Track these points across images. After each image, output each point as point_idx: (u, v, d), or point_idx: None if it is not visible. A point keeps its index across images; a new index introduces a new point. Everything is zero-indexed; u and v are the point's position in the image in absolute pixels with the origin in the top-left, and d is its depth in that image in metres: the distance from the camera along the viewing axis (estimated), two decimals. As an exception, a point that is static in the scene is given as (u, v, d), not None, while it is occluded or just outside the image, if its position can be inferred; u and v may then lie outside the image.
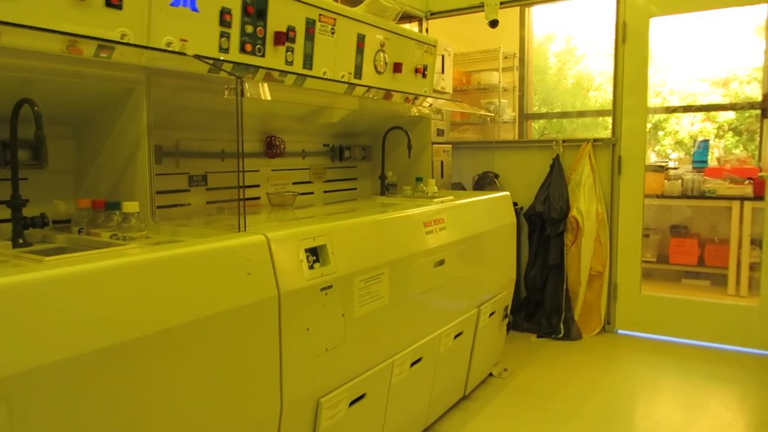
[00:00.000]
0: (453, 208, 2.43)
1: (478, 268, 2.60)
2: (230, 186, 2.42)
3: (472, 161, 4.03)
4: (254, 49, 2.00)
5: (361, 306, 1.78)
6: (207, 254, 1.32)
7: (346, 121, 2.81)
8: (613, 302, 3.66)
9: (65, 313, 1.04)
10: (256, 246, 1.43)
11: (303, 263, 1.56)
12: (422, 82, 3.02)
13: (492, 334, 2.84)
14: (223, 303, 1.32)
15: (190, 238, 1.50)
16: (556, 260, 3.60)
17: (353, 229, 1.79)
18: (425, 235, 2.15)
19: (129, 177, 1.73)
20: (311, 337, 1.58)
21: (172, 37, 1.71)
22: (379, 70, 2.67)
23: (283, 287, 1.48)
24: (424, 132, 3.16)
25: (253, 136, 2.51)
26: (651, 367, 3.13)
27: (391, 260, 1.93)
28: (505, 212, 2.95)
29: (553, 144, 3.70)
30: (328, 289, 1.63)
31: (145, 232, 1.59)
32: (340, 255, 1.70)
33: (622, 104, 3.53)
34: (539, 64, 6.95)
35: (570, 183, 3.62)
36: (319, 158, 2.91)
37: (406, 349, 2.05)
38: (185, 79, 1.76)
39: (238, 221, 1.52)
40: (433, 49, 3.05)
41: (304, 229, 1.61)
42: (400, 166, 3.19)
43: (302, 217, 2.22)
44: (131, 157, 1.71)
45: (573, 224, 3.56)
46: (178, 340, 1.22)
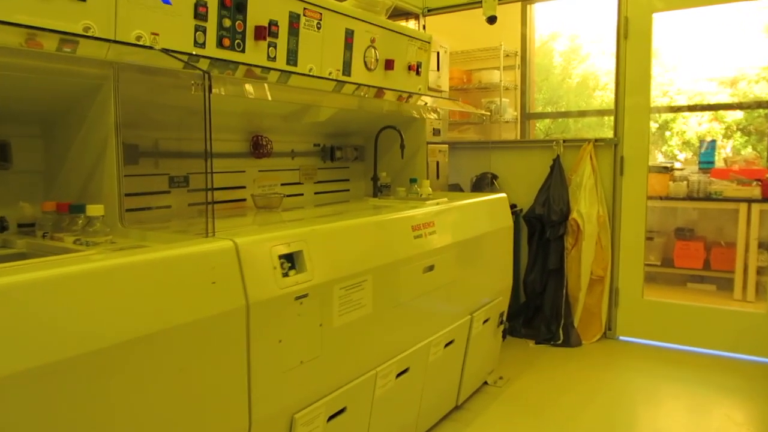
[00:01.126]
0: (445, 210, 2.33)
1: (472, 274, 2.50)
2: (214, 187, 2.34)
3: (470, 162, 3.92)
4: (233, 44, 1.91)
5: (341, 315, 1.69)
6: (166, 262, 1.22)
7: (336, 120, 2.71)
8: (614, 308, 3.55)
9: (8, 326, 0.95)
10: (222, 253, 1.34)
11: (276, 271, 1.47)
12: (416, 79, 2.92)
13: (486, 342, 2.74)
14: (184, 314, 1.23)
15: (157, 243, 1.41)
16: (555, 264, 3.49)
17: (333, 234, 1.70)
18: (413, 239, 2.06)
19: (97, 178, 1.64)
20: (284, 349, 1.49)
21: (142, 30, 1.63)
22: (369, 67, 2.58)
23: (253, 297, 1.38)
24: (418, 132, 3.06)
25: (238, 135, 2.42)
26: (653, 375, 3.01)
27: (376, 266, 1.83)
28: (502, 215, 2.85)
29: (553, 144, 3.59)
30: (304, 297, 1.54)
31: (110, 236, 1.50)
32: (319, 261, 1.61)
33: (624, 103, 3.42)
34: (543, 63, 6.84)
35: (570, 184, 3.51)
36: (309, 158, 2.81)
37: (392, 359, 1.96)
38: (154, 74, 1.67)
39: (206, 226, 1.43)
40: (427, 46, 2.95)
41: (278, 234, 1.52)
42: (394, 167, 3.10)
43: (286, 220, 2.13)
44: (100, 158, 1.63)
45: (573, 227, 3.46)
46: (134, 354, 1.13)
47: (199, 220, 2.04)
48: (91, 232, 1.50)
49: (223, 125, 2.32)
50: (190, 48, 1.77)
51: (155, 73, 1.61)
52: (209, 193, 1.46)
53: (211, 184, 1.46)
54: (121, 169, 1.60)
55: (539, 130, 6.46)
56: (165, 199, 2.13)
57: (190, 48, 1.77)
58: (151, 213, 2.07)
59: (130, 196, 1.98)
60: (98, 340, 1.07)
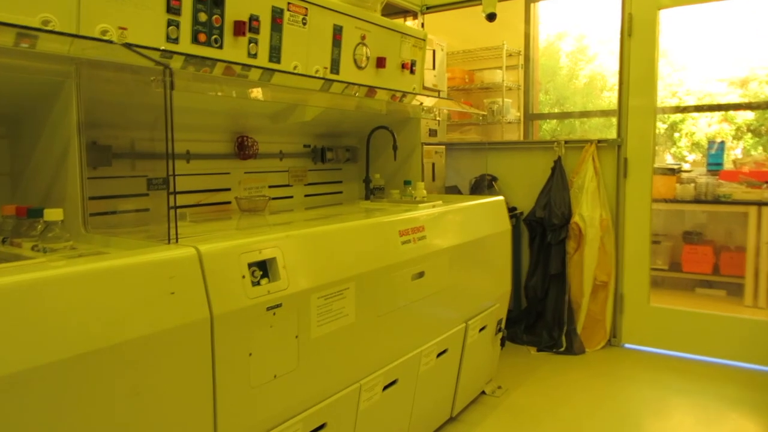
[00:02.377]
0: (436, 214, 2.22)
1: (467, 280, 2.39)
2: (198, 189, 2.25)
3: (469, 163, 3.81)
4: (209, 39, 1.82)
5: (320, 326, 1.58)
6: (117, 272, 1.13)
7: (325, 120, 2.62)
8: (619, 314, 3.42)
9: None
10: (182, 261, 1.24)
11: (245, 280, 1.37)
12: (410, 78, 2.82)
13: (483, 350, 2.63)
14: (137, 328, 1.13)
15: (118, 250, 1.32)
16: (557, 269, 3.37)
17: (310, 239, 1.60)
18: (401, 245, 1.95)
19: (61, 181, 1.55)
20: (255, 363, 1.39)
21: (108, 24, 1.54)
22: (359, 65, 2.48)
23: (217, 308, 1.28)
24: (413, 132, 2.96)
25: (222, 135, 2.33)
26: (659, 386, 2.89)
27: (359, 274, 1.73)
28: (499, 218, 2.74)
29: (554, 145, 3.47)
30: (277, 308, 1.44)
31: (70, 242, 1.41)
32: (295, 269, 1.51)
33: (628, 103, 3.30)
34: (550, 64, 6.73)
35: (572, 187, 3.39)
36: (298, 160, 2.72)
37: (378, 371, 1.85)
38: (115, 71, 1.57)
39: (168, 232, 1.33)
40: (422, 43, 2.85)
41: (249, 240, 1.42)
42: (388, 169, 3.00)
43: (268, 224, 2.03)
44: (63, 159, 1.54)
45: (575, 231, 3.34)
46: (78, 372, 1.03)
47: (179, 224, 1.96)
48: (50, 237, 1.41)
49: (205, 125, 2.23)
50: (162, 44, 1.68)
51: (113, 69, 1.51)
52: (171, 197, 1.36)
53: (173, 187, 1.36)
54: (84, 171, 1.51)
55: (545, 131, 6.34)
56: (144, 201, 2.05)
57: (162, 44, 1.68)
58: (127, 217, 1.99)
59: (103, 199, 1.90)
60: (37, 357, 0.98)
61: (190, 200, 2.21)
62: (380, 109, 2.62)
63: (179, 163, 2.17)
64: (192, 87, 1.88)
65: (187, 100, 2.00)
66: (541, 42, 5.37)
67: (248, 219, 2.23)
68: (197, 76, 1.83)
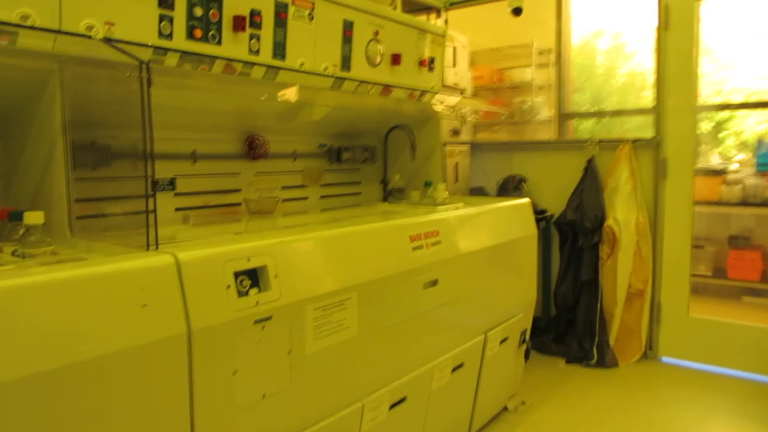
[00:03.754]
0: (453, 218, 2.09)
1: (487, 288, 2.24)
2: (205, 191, 2.18)
3: (496, 164, 3.65)
4: (206, 35, 1.72)
5: (316, 340, 1.47)
6: (79, 282, 1.03)
7: (340, 119, 2.52)
8: (655, 325, 3.20)
9: None
10: (156, 270, 1.14)
11: (230, 290, 1.26)
12: (429, 76, 2.68)
13: (505, 363, 2.47)
14: (101, 344, 1.03)
15: (98, 256, 1.23)
16: (589, 275, 3.18)
17: (307, 246, 1.48)
18: (411, 251, 1.82)
19: (47, 183, 1.48)
20: (240, 381, 1.28)
21: (93, 19, 1.45)
22: (372, 62, 2.36)
23: (197, 321, 1.18)
24: (433, 131, 2.82)
25: (230, 135, 2.24)
26: (699, 405, 2.67)
27: (362, 282, 1.61)
28: (525, 221, 2.58)
29: (586, 144, 3.28)
30: (266, 321, 1.33)
31: (52, 247, 1.33)
32: (288, 278, 1.40)
33: (666, 99, 3.08)
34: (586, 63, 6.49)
35: (606, 188, 3.20)
36: (313, 160, 2.62)
37: (383, 388, 1.72)
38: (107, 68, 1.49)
39: (147, 238, 1.24)
40: (441, 40, 2.71)
41: (236, 247, 1.31)
42: (408, 169, 2.87)
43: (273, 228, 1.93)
44: (49, 160, 1.47)
45: (609, 235, 3.14)
46: (32, 395, 0.94)
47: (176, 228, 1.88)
48: (30, 242, 1.33)
49: (211, 124, 2.15)
50: (154, 40, 1.60)
51: (100, 66, 1.43)
52: (150, 200, 1.27)
53: (152, 189, 1.26)
54: (69, 172, 1.44)
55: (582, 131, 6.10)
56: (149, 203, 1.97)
57: (153, 40, 1.60)
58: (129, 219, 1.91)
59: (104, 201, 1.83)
60: None
61: (197, 202, 2.13)
62: (395, 107, 2.49)
63: (185, 163, 2.10)
64: (189, 85, 1.81)
65: (188, 99, 1.93)
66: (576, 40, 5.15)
67: (257, 221, 2.14)
68: (195, 74, 1.74)
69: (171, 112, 1.94)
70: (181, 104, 1.93)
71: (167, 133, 2.03)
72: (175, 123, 2.02)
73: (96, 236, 1.46)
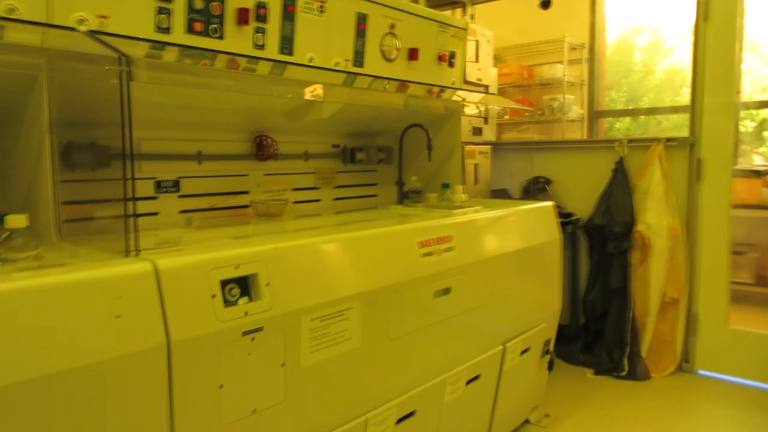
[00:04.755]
0: (468, 222, 1.97)
1: (505, 297, 2.12)
2: (211, 192, 2.11)
3: (520, 165, 3.51)
4: (207, 29, 1.65)
5: (313, 352, 1.37)
6: (47, 291, 0.96)
7: (354, 117, 2.42)
8: (691, 336, 3.01)
9: None
10: (131, 278, 1.06)
11: (216, 299, 1.18)
12: (449, 72, 2.57)
13: (526, 375, 2.34)
14: (69, 358, 0.96)
15: (83, 261, 1.16)
16: (619, 282, 3.01)
17: (302, 252, 1.39)
18: (421, 257, 1.71)
19: (36, 184, 1.43)
20: (227, 396, 1.20)
21: (85, 13, 1.39)
22: (388, 57, 2.26)
23: (177, 333, 1.10)
24: (452, 131, 2.70)
25: (238, 135, 2.17)
26: (738, 423, 2.48)
27: (365, 291, 1.51)
28: (547, 226, 2.44)
29: (615, 145, 3.11)
30: (257, 332, 1.24)
31: (36, 251, 1.27)
32: (281, 286, 1.31)
33: (703, 96, 2.90)
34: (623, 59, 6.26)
35: (636, 191, 3.02)
36: (326, 161, 2.53)
37: (390, 402, 1.62)
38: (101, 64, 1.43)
39: (125, 244, 1.16)
40: (462, 33, 2.59)
41: (223, 254, 1.23)
42: (427, 171, 2.76)
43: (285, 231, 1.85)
44: (38, 161, 1.41)
45: (639, 240, 2.97)
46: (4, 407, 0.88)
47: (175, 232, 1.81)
48: (14, 246, 1.27)
49: (217, 123, 2.08)
50: (151, 34, 1.53)
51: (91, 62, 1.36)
52: (129, 204, 1.19)
53: (132, 193, 1.18)
54: (56, 173, 1.38)
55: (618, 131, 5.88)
56: (152, 205, 1.92)
57: (150, 34, 1.53)
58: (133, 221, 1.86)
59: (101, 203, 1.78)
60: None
61: (202, 204, 2.07)
62: (411, 104, 2.38)
63: (189, 164, 2.03)
64: (190, 81, 1.73)
65: (192, 97, 1.86)
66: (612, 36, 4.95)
67: (264, 224, 2.06)
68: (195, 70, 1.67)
69: (174, 110, 1.88)
70: (185, 102, 1.87)
71: (171, 132, 1.96)
72: (179, 122, 1.96)
73: (85, 240, 1.39)
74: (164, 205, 1.96)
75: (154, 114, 1.86)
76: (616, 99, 5.97)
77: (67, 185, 1.48)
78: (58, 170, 1.37)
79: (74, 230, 1.46)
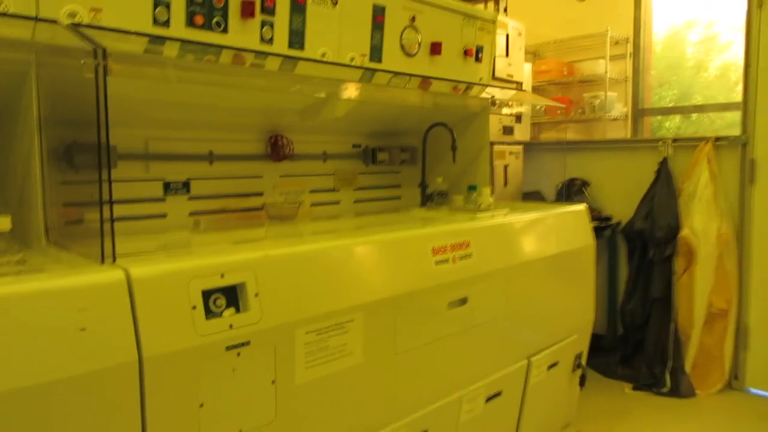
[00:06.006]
0: (489, 227, 1.83)
1: (530, 308, 1.97)
2: (223, 194, 2.04)
3: (555, 165, 3.33)
4: (209, 22, 1.57)
5: (309, 368, 1.27)
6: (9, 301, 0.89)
7: (372, 116, 2.32)
8: (742, 351, 2.78)
9: None
10: (99, 288, 0.98)
11: (196, 311, 1.09)
12: (475, 67, 2.43)
13: (555, 391, 2.18)
14: (31, 374, 0.89)
15: (66, 267, 1.10)
16: (660, 292, 2.81)
17: (297, 260, 1.29)
18: (434, 265, 1.59)
19: (28, 185, 1.37)
20: (209, 415, 1.11)
21: (76, 5, 1.33)
22: (408, 52, 2.14)
23: (150, 348, 1.01)
24: (480, 129, 2.56)
25: (251, 134, 2.09)
26: (792, 449, 2.27)
27: (369, 302, 1.40)
28: (580, 231, 2.27)
29: (659, 144, 2.91)
30: (243, 346, 1.15)
31: (19, 255, 1.21)
32: (273, 297, 1.21)
33: (756, 91, 2.66)
34: (674, 55, 5.94)
35: (681, 194, 2.81)
36: (346, 161, 2.43)
37: (397, 422, 1.50)
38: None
39: (102, 250, 1.08)
40: (491, 26, 2.44)
41: (207, 262, 1.14)
42: (453, 172, 2.62)
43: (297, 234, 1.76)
44: (28, 160, 1.36)
45: (684, 247, 2.75)
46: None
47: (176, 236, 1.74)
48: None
49: (230, 122, 2.01)
50: (148, 28, 1.46)
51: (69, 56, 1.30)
52: (105, 207, 1.11)
53: (109, 195, 1.11)
54: (44, 174, 1.32)
55: (667, 130, 5.59)
56: (161, 206, 1.86)
57: (147, 28, 1.46)
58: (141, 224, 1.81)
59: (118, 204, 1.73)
60: None
61: (213, 206, 2.00)
62: (435, 102, 2.26)
63: (200, 165, 1.96)
64: (193, 78, 1.66)
65: (201, 95, 1.78)
66: (662, 31, 4.69)
67: (275, 228, 1.97)
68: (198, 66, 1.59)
69: (182, 109, 1.81)
70: (194, 101, 1.79)
71: (181, 132, 1.90)
72: (189, 121, 1.89)
73: (74, 244, 1.33)
74: (173, 207, 1.90)
75: (163, 113, 1.80)
76: (666, 97, 5.68)
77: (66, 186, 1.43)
78: (53, 171, 1.32)
79: (69, 233, 1.41)
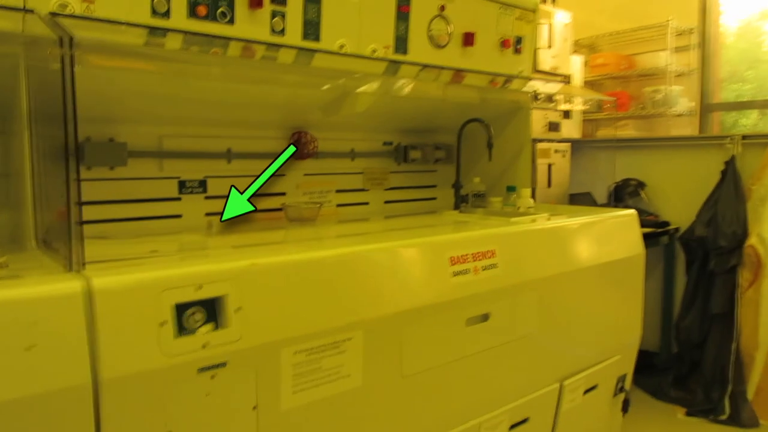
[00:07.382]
0: (517, 234, 1.66)
1: (564, 325, 1.79)
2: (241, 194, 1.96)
3: (607, 165, 3.08)
4: (214, 13, 1.48)
5: (297, 392, 1.15)
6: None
7: (401, 112, 2.19)
8: (816, 378, 2.47)
9: None
10: (51, 301, 0.89)
11: (165, 328, 0.99)
12: (514, 59, 2.25)
13: (593, 417, 1.98)
14: (-34, 397, 0.81)
15: (36, 275, 1.02)
16: (722, 307, 2.54)
17: (287, 270, 1.17)
18: (452, 276, 1.44)
19: (19, 185, 1.32)
20: (178, 444, 1.01)
21: (67, -5, 1.26)
22: (438, 43, 1.98)
23: (108, 370, 0.92)
24: (521, 126, 2.38)
25: (273, 131, 2.00)
26: None
27: (371, 318, 1.27)
28: (628, 238, 2.06)
29: (726, 142, 2.62)
30: (218, 368, 1.04)
31: (3, 258, 1.15)
32: (257, 312, 1.10)
33: (842, 83, 2.34)
34: (750, 48, 5.49)
35: (750, 198, 2.52)
36: (376, 160, 2.30)
37: (403, 450, 1.37)
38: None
39: (70, 256, 1.00)
40: (531, 15, 2.26)
41: (181, 271, 1.03)
42: (492, 171, 2.45)
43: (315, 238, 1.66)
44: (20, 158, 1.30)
45: (752, 257, 2.47)
46: None
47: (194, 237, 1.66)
48: (-18, 253, 1.17)
49: (249, 119, 1.92)
50: (146, 19, 1.38)
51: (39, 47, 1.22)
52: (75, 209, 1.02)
53: (77, 197, 1.02)
54: (33, 173, 1.26)
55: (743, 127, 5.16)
56: (176, 206, 1.80)
57: (146, 19, 1.38)
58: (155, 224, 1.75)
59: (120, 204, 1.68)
60: None
61: (231, 206, 1.92)
62: (468, 96, 2.09)
63: (218, 162, 1.89)
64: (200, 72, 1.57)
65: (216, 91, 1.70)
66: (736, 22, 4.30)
67: (295, 230, 1.87)
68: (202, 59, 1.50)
69: (198, 105, 1.73)
70: (208, 97, 1.71)
71: (197, 128, 1.83)
72: (205, 118, 1.81)
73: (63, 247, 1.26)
74: (188, 206, 1.83)
75: (177, 109, 1.73)
76: (742, 92, 5.24)
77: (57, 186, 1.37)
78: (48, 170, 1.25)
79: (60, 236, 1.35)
